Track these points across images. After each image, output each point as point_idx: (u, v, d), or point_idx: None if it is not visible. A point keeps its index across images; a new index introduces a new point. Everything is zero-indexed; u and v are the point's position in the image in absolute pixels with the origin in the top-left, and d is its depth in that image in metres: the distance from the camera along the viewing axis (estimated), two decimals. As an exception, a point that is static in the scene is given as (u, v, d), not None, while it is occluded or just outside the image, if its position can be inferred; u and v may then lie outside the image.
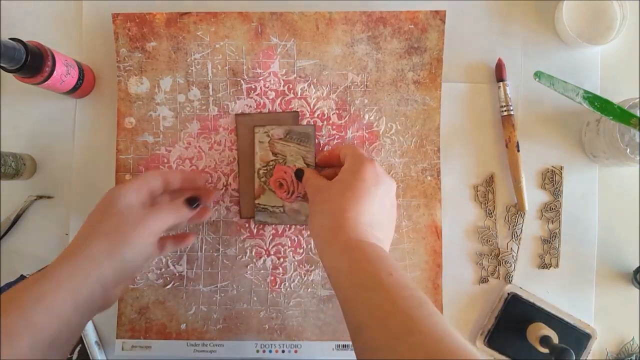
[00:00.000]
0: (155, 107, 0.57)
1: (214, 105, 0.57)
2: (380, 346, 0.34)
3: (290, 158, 0.55)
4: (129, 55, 0.57)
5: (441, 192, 0.57)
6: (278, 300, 0.57)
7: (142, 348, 0.56)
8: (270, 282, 0.57)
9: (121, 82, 0.57)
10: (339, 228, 0.42)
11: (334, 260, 0.42)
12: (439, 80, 0.57)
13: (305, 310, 0.57)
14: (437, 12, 0.57)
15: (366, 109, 0.57)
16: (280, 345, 0.57)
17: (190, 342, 0.57)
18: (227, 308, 0.57)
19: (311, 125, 0.56)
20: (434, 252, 0.57)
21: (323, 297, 0.57)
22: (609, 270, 0.57)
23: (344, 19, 0.57)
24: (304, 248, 0.57)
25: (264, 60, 0.57)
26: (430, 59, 0.57)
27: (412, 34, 0.57)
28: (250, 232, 0.57)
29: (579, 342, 0.55)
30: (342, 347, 0.56)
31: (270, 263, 0.57)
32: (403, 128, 0.57)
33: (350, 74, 0.57)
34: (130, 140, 0.57)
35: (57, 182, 0.58)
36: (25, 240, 0.58)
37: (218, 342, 0.57)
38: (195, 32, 0.57)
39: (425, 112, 0.57)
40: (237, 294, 0.57)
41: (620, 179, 0.58)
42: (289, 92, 0.57)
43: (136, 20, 0.57)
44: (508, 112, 0.57)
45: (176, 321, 0.57)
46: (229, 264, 0.57)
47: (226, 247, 0.57)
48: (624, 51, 0.58)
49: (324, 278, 0.57)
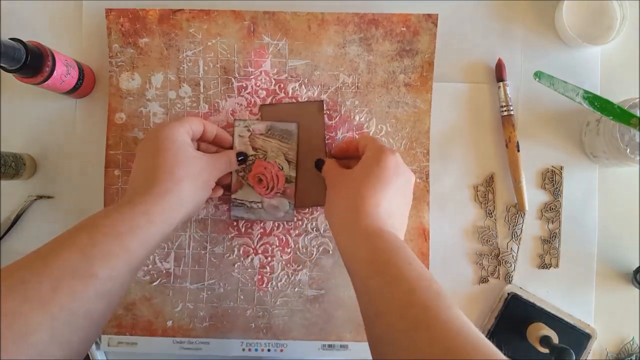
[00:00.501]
0: (146, 103, 0.57)
1: (204, 103, 0.57)
2: (397, 337, 0.33)
3: (271, 154, 0.55)
4: (121, 50, 0.57)
5: (429, 195, 0.57)
6: (265, 299, 0.57)
7: (128, 344, 0.56)
8: (257, 280, 0.57)
9: (113, 77, 0.57)
10: (358, 214, 0.42)
11: (352, 246, 0.41)
12: (430, 83, 0.57)
13: (292, 310, 0.57)
14: (429, 15, 0.57)
15: (357, 110, 0.57)
16: (266, 344, 0.57)
17: (176, 340, 0.57)
18: (213, 306, 0.57)
19: (294, 123, 0.56)
20: (421, 254, 0.57)
21: (310, 296, 0.57)
22: (609, 270, 0.57)
23: (336, 20, 0.57)
24: (291, 247, 0.57)
25: (255, 59, 0.57)
26: (421, 62, 0.57)
27: (404, 36, 0.57)
28: (238, 231, 0.57)
29: (579, 342, 0.55)
30: (328, 347, 0.56)
31: (258, 262, 0.57)
32: (393, 130, 0.57)
33: (341, 75, 0.57)
34: (120, 136, 0.57)
35: (57, 182, 0.59)
36: (25, 240, 0.58)
37: (204, 340, 0.57)
38: (187, 29, 0.57)
39: (416, 115, 0.57)
40: (224, 292, 0.57)
41: (620, 179, 0.58)
42: (280, 92, 0.57)
43: (129, 16, 0.57)
44: (508, 112, 0.57)
45: (162, 318, 0.57)
46: (217, 262, 0.57)
47: (214, 245, 0.57)
48: (624, 51, 0.58)
49: (311, 278, 0.57)
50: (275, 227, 0.57)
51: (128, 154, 0.57)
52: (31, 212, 0.58)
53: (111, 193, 0.57)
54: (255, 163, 0.55)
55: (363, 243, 0.41)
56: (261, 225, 0.57)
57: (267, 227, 0.57)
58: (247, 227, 0.57)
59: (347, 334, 0.56)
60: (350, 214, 0.43)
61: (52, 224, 0.58)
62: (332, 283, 0.57)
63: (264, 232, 0.57)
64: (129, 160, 0.57)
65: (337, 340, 0.56)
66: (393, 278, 0.37)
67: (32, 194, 0.58)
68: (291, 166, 0.55)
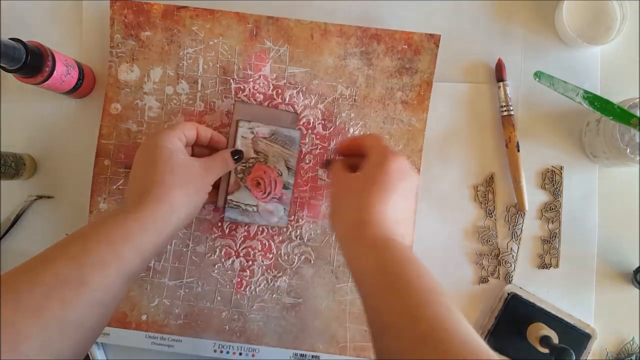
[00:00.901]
0: (143, 96, 0.57)
1: (200, 101, 0.57)
2: (405, 350, 0.33)
3: (272, 159, 0.55)
4: (122, 41, 0.57)
5: (415, 215, 0.56)
6: (242, 302, 0.57)
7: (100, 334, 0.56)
8: (236, 283, 0.57)
9: (112, 67, 0.57)
10: (364, 223, 0.41)
11: (359, 257, 0.41)
12: (427, 103, 0.57)
13: (268, 316, 0.56)
14: (431, 35, 0.57)
15: (352, 122, 0.57)
16: (239, 347, 0.56)
17: (149, 334, 0.56)
18: (189, 304, 0.57)
19: (299, 130, 0.56)
20: None
21: (287, 304, 0.56)
22: (609, 270, 0.57)
23: (339, 32, 0.57)
24: (273, 253, 0.57)
25: (255, 62, 0.57)
26: (420, 81, 0.57)
27: (405, 54, 0.57)
28: (222, 232, 0.57)
29: (579, 342, 0.55)
30: (300, 357, 0.56)
31: (239, 265, 0.57)
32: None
33: (339, 86, 0.57)
34: (113, 126, 0.57)
35: (57, 182, 0.58)
36: (25, 240, 0.58)
37: (177, 338, 0.56)
38: (190, 26, 0.57)
39: (410, 133, 0.57)
40: (201, 291, 0.57)
41: (620, 179, 0.58)
42: (277, 97, 0.57)
43: (133, 8, 0.57)
44: (508, 112, 0.57)
45: (137, 311, 0.56)
46: (197, 260, 0.57)
47: (196, 243, 0.57)
48: (624, 51, 0.58)
49: (290, 286, 0.57)
50: (260, 232, 0.57)
51: (119, 145, 0.57)
52: (31, 212, 0.58)
53: (99, 182, 0.57)
54: (256, 166, 0.54)
55: (370, 254, 0.40)
56: (245, 229, 0.57)
57: (251, 230, 0.57)
58: (232, 228, 0.57)
59: (320, 345, 0.56)
60: (356, 224, 0.42)
61: (52, 224, 0.58)
62: (311, 293, 0.56)
63: (247, 235, 0.57)
64: (120, 151, 0.57)
65: (309, 350, 0.56)
66: (402, 291, 0.36)
67: (32, 194, 0.58)
68: (290, 173, 0.55)
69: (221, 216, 0.55)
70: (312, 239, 0.57)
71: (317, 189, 0.57)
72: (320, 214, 0.57)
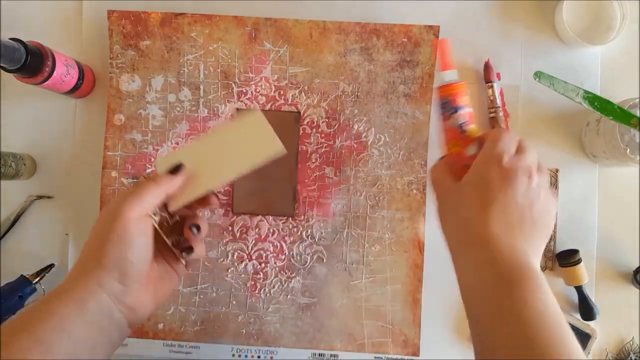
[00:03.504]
0: (146, 106, 0.57)
1: (204, 107, 0.57)
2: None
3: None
4: (122, 52, 0.57)
5: (426, 206, 0.56)
6: (257, 305, 0.57)
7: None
8: (250, 286, 0.57)
9: (113, 79, 0.57)
10: (475, 243, 0.38)
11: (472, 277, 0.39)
12: (430, 94, 0.57)
13: (284, 317, 0.56)
14: (430, 26, 0.57)
15: (356, 119, 0.57)
16: (257, 350, 0.56)
17: (166, 342, 0.57)
18: (205, 310, 0.57)
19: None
20: (415, 266, 0.56)
21: (302, 304, 0.56)
22: (609, 270, 0.57)
23: (337, 29, 0.57)
24: (286, 255, 0.57)
25: (256, 65, 0.57)
26: (422, 73, 0.57)
27: (405, 47, 0.57)
28: (233, 236, 0.57)
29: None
30: (319, 356, 0.56)
31: (252, 268, 0.57)
32: (391, 140, 0.57)
33: (341, 84, 0.57)
34: (118, 137, 0.57)
35: (57, 182, 0.59)
36: (25, 240, 0.58)
37: (194, 344, 0.57)
38: (189, 33, 0.57)
39: (414, 126, 0.57)
40: (216, 296, 0.57)
41: (620, 179, 0.58)
42: (279, 98, 0.57)
43: (131, 18, 0.57)
44: (495, 114, 0.56)
45: (154, 320, 0.57)
46: (210, 266, 0.57)
47: (208, 249, 0.57)
48: (624, 51, 0.58)
49: (304, 286, 0.57)
50: (270, 233, 0.57)
51: (125, 156, 0.57)
52: (31, 212, 0.58)
53: (107, 194, 0.57)
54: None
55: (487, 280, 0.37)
56: (256, 231, 0.57)
57: (262, 233, 0.57)
58: (242, 232, 0.57)
59: (338, 344, 0.56)
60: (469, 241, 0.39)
61: (52, 224, 0.58)
62: (325, 292, 0.56)
63: (258, 237, 0.57)
64: (126, 162, 0.57)
65: (327, 349, 0.56)
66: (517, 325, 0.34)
67: (32, 194, 0.58)
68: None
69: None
70: (324, 238, 0.57)
71: (325, 187, 0.57)
72: (330, 212, 0.57)
